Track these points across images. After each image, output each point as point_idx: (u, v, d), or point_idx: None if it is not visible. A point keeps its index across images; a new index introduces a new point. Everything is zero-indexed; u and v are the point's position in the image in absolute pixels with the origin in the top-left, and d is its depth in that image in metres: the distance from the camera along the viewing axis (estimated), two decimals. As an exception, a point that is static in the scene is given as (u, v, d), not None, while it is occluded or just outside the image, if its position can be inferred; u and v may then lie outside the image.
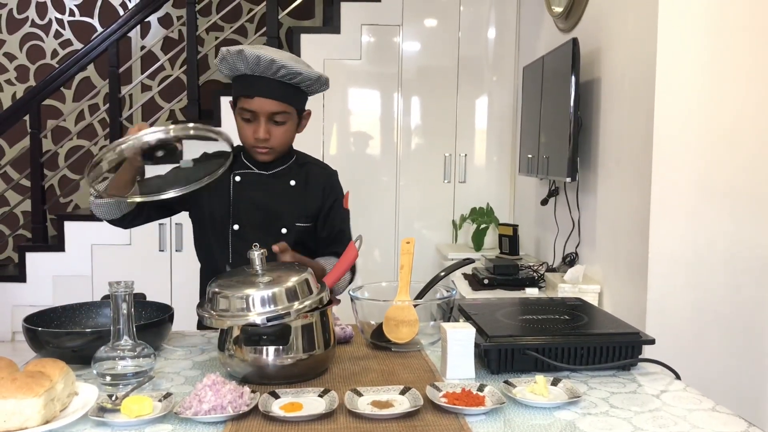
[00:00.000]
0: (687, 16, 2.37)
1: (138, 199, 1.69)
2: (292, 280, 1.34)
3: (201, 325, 1.72)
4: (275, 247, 1.57)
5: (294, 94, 1.78)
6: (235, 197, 1.85)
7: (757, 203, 2.41)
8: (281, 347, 1.30)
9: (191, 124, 1.60)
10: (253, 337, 1.30)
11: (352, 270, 1.85)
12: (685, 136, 2.40)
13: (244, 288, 1.31)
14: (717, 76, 2.39)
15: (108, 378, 1.28)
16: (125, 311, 1.30)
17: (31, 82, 5.45)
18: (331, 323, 1.41)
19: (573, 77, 2.90)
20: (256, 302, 1.29)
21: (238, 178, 1.85)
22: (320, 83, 1.81)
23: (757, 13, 2.37)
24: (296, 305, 1.31)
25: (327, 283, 1.47)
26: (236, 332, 1.32)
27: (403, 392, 1.23)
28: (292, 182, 1.87)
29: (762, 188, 2.41)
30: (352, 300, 1.59)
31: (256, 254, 1.39)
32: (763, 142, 2.40)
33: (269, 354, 1.31)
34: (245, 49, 1.70)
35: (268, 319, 1.28)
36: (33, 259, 4.45)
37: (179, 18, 5.49)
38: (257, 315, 1.28)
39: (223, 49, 1.74)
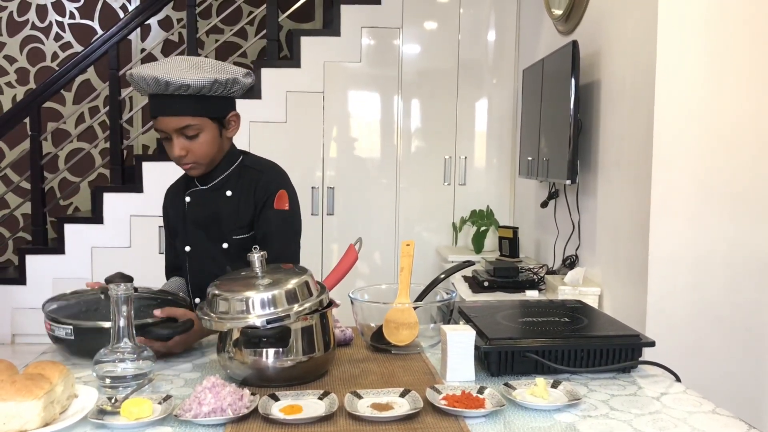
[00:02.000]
0: (686, 18, 2.38)
1: None
2: (292, 283, 1.34)
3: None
4: (157, 312, 1.50)
5: (197, 104, 1.66)
6: (187, 218, 1.83)
7: (757, 205, 2.41)
8: (281, 349, 1.30)
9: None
10: (252, 339, 1.29)
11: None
12: (684, 139, 2.40)
13: (243, 290, 1.31)
14: (716, 78, 2.39)
15: (108, 380, 1.28)
16: (125, 313, 1.30)
17: (32, 85, 5.45)
18: (331, 325, 1.41)
19: (573, 80, 2.91)
20: (256, 304, 1.29)
21: (188, 198, 1.83)
22: (228, 85, 1.69)
23: (756, 15, 2.37)
24: (296, 307, 1.31)
25: (327, 285, 1.47)
26: (236, 334, 1.32)
27: (402, 395, 1.22)
28: (228, 192, 1.78)
29: (762, 190, 2.41)
30: (352, 302, 1.59)
31: (256, 256, 1.39)
32: (763, 144, 2.40)
33: (269, 356, 1.30)
34: (134, 71, 1.64)
35: (268, 322, 1.28)
36: (33, 261, 4.45)
37: (179, 20, 5.50)
38: (257, 317, 1.28)
39: (127, 72, 1.69)
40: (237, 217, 1.77)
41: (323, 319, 1.38)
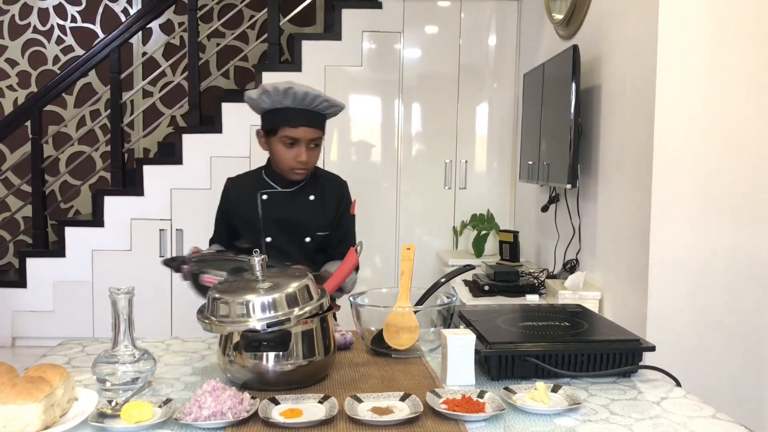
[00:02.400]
0: (687, 22, 2.38)
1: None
2: (293, 286, 1.34)
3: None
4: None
5: (323, 120, 2.06)
6: (264, 214, 2.08)
7: (758, 210, 2.41)
8: (281, 353, 1.30)
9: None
10: (253, 343, 1.29)
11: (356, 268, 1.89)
12: (685, 143, 2.40)
13: (244, 294, 1.31)
14: (717, 82, 2.39)
15: (108, 383, 1.28)
16: (126, 316, 1.31)
17: (33, 88, 5.46)
18: (332, 329, 1.41)
19: (573, 84, 2.91)
20: (257, 308, 1.29)
21: (264, 197, 2.09)
22: (339, 110, 2.09)
23: (757, 19, 2.38)
24: (296, 311, 1.31)
25: (328, 289, 1.47)
26: (236, 338, 1.32)
27: (403, 398, 1.22)
28: (311, 197, 2.11)
29: (762, 195, 2.41)
30: (352, 306, 1.59)
31: (257, 260, 1.39)
32: (764, 148, 2.41)
33: (269, 360, 1.30)
34: (294, 85, 1.95)
35: (269, 325, 1.28)
36: (33, 264, 4.45)
37: (181, 24, 5.51)
38: (257, 321, 1.28)
39: (268, 84, 1.98)
40: (321, 217, 2.11)
41: (323, 323, 1.38)
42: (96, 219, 4.45)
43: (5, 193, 5.23)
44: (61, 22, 5.51)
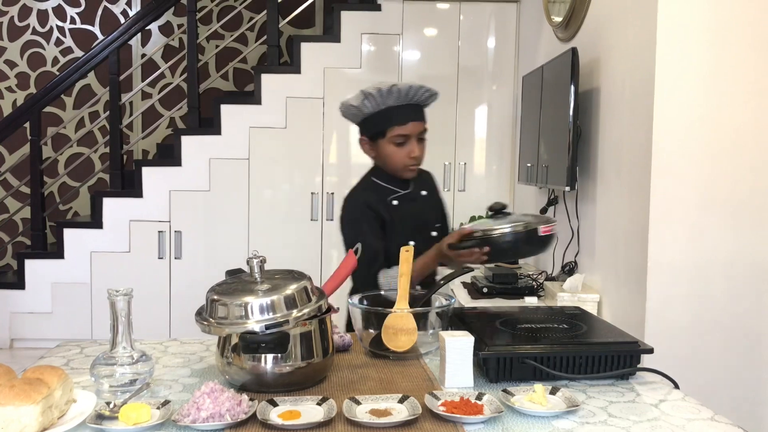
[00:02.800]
0: (686, 25, 2.38)
1: None
2: (291, 288, 1.34)
3: None
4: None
5: (424, 112, 2.05)
6: (398, 219, 2.03)
7: (757, 212, 2.42)
8: (279, 355, 1.30)
9: None
10: (251, 344, 1.29)
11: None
12: (684, 146, 2.41)
13: (242, 295, 1.31)
14: (716, 85, 2.39)
15: (106, 385, 1.28)
16: (124, 318, 1.31)
17: (32, 90, 5.46)
18: (330, 331, 1.41)
19: (572, 86, 2.91)
20: (255, 310, 1.29)
21: (395, 202, 2.05)
22: (437, 98, 2.07)
23: (756, 23, 2.38)
24: (295, 313, 1.30)
25: (326, 290, 1.47)
26: (235, 340, 1.32)
27: (401, 401, 1.22)
28: (423, 192, 2.13)
29: (761, 198, 2.41)
30: (351, 308, 1.58)
31: (255, 262, 1.39)
32: (762, 151, 2.41)
33: (267, 362, 1.30)
34: (397, 83, 1.96)
35: (267, 327, 1.28)
36: (32, 266, 4.45)
37: (180, 26, 5.51)
38: (255, 323, 1.28)
39: (369, 88, 1.97)
40: (436, 210, 2.18)
41: (322, 325, 1.38)
42: (95, 220, 4.45)
43: (4, 194, 5.22)
44: (61, 24, 5.51)
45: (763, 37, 2.39)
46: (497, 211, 1.90)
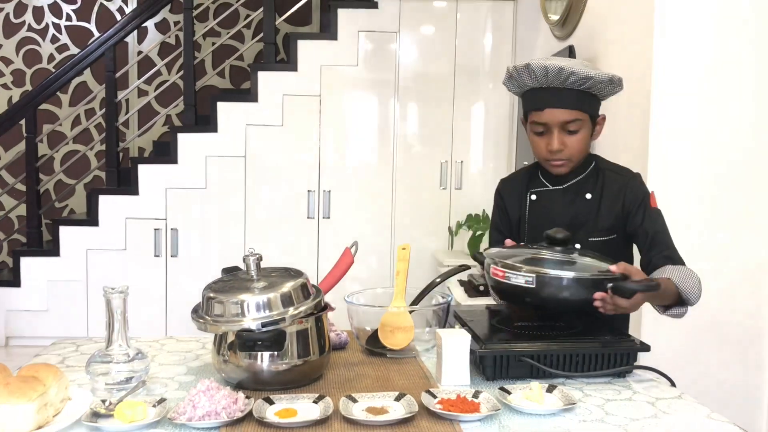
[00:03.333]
0: (683, 23, 2.39)
1: None
2: (288, 286, 1.33)
3: None
4: (613, 268, 1.45)
5: (585, 99, 1.69)
6: (530, 216, 1.81)
7: (753, 213, 2.42)
8: (276, 353, 1.30)
9: None
10: (247, 342, 1.29)
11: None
12: (680, 145, 2.41)
13: (238, 293, 1.31)
14: (713, 85, 2.39)
15: (101, 383, 1.28)
16: (120, 316, 1.30)
17: (28, 87, 5.44)
18: (326, 329, 1.41)
19: (569, 85, 2.91)
20: (251, 307, 1.29)
21: (533, 197, 1.81)
22: (613, 85, 1.72)
23: (754, 22, 2.38)
24: (291, 311, 1.30)
25: (323, 288, 1.47)
26: (231, 337, 1.31)
27: (398, 398, 1.22)
28: (588, 195, 1.77)
29: (756, 196, 2.42)
30: (347, 305, 1.58)
31: (251, 259, 1.39)
32: (758, 151, 2.41)
33: (264, 359, 1.30)
34: (531, 62, 1.67)
35: (263, 325, 1.27)
36: (28, 263, 4.44)
37: (176, 23, 5.49)
38: (252, 320, 1.28)
39: (510, 66, 1.72)
40: (597, 219, 1.75)
41: (318, 323, 1.37)
42: (90, 218, 4.44)
43: (-1, 191, 5.21)
44: (56, 21, 5.49)
45: (761, 35, 2.39)
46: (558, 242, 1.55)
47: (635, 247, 1.81)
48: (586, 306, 1.43)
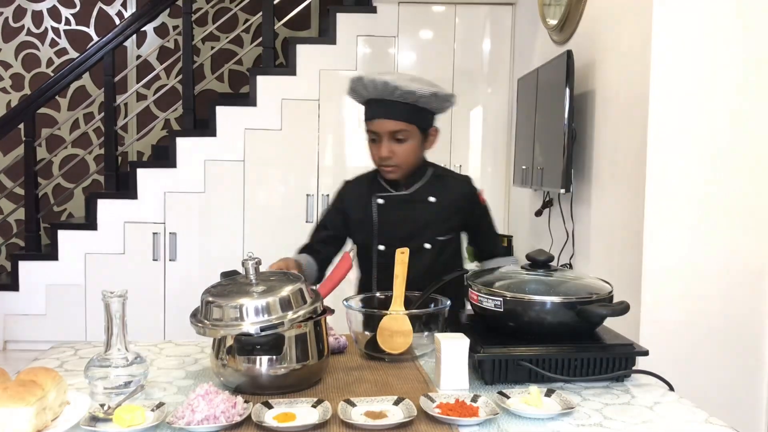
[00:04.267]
0: (681, 28, 2.39)
1: None
2: (286, 290, 1.33)
3: None
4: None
5: (413, 112, 1.84)
6: (379, 219, 1.94)
7: (751, 215, 2.42)
8: (275, 357, 1.30)
9: None
10: (246, 346, 1.29)
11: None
12: (679, 148, 2.41)
13: (237, 297, 1.31)
14: (710, 88, 2.40)
15: (100, 387, 1.28)
16: (119, 320, 1.30)
17: (26, 91, 5.44)
18: (325, 333, 1.41)
19: (567, 89, 2.92)
20: (250, 312, 1.29)
21: (381, 201, 1.95)
22: (440, 100, 1.86)
23: (750, 26, 2.39)
24: (290, 315, 1.30)
25: (321, 293, 1.47)
26: (229, 342, 1.31)
27: (396, 403, 1.22)
28: (432, 199, 1.94)
29: (756, 200, 2.42)
30: (346, 310, 1.58)
31: (250, 263, 1.39)
32: (757, 154, 2.42)
33: (263, 364, 1.30)
34: (363, 76, 1.85)
35: (262, 329, 1.27)
36: (26, 267, 4.43)
37: (175, 28, 5.50)
38: (251, 324, 1.28)
39: (357, 76, 1.89)
40: (443, 220, 1.94)
41: (317, 327, 1.37)
42: (89, 222, 4.44)
43: (-2, 195, 5.20)
44: (55, 25, 5.50)
45: (757, 40, 2.39)
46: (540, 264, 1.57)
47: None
48: (555, 330, 1.41)
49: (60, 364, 1.51)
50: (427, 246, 1.91)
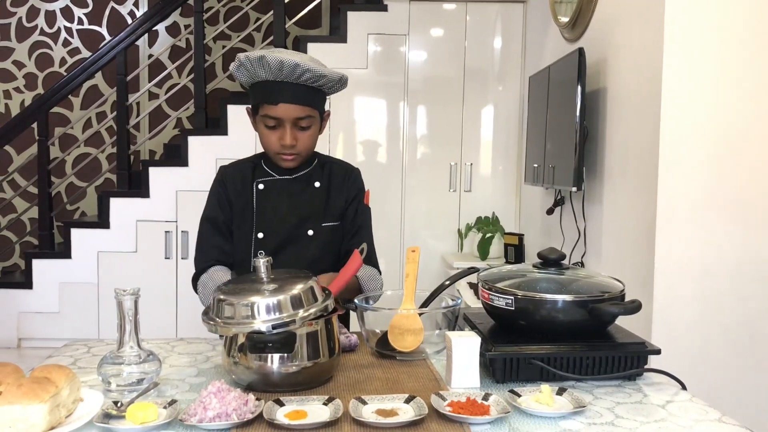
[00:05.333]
0: (693, 25, 2.38)
1: None
2: (297, 288, 1.34)
3: None
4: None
5: (317, 96, 1.75)
6: (258, 206, 1.84)
7: (764, 212, 2.41)
8: (286, 355, 1.30)
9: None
10: (258, 344, 1.29)
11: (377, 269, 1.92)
12: (691, 146, 2.40)
13: (249, 295, 1.31)
14: (723, 85, 2.38)
15: (113, 384, 1.28)
16: (131, 318, 1.31)
17: (40, 90, 5.48)
18: (336, 331, 1.41)
19: (579, 87, 2.91)
20: (261, 310, 1.29)
21: (261, 186, 1.85)
22: (341, 83, 1.80)
23: (763, 24, 2.37)
24: (301, 313, 1.30)
25: (332, 291, 1.47)
26: (241, 339, 1.32)
27: (407, 401, 1.22)
28: (317, 183, 1.86)
29: (769, 198, 2.40)
30: (356, 308, 1.58)
31: (262, 262, 1.39)
32: (770, 152, 2.40)
33: (274, 361, 1.30)
34: (266, 54, 1.66)
35: (273, 327, 1.27)
36: (39, 265, 4.47)
37: (187, 27, 5.52)
38: (262, 322, 1.28)
39: (241, 55, 1.71)
40: (328, 206, 1.85)
41: (328, 325, 1.38)
42: (102, 220, 4.47)
43: (12, 194, 5.25)
44: (68, 25, 5.53)
45: (772, 37, 2.38)
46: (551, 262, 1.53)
47: None
48: (567, 328, 1.40)
49: (73, 362, 1.52)
50: (311, 233, 1.82)
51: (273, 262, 1.44)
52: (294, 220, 1.83)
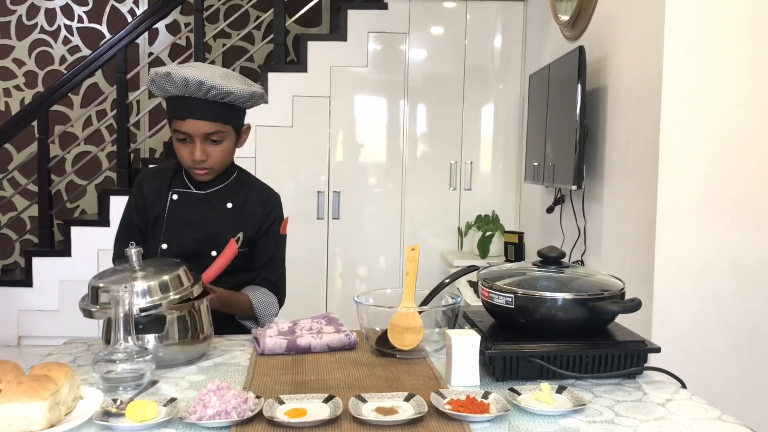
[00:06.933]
0: (694, 23, 2.37)
1: None
2: (166, 275, 1.45)
3: None
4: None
5: (228, 111, 1.75)
6: (169, 216, 1.84)
7: (764, 210, 2.41)
8: (155, 336, 1.42)
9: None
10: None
11: (279, 299, 1.91)
12: (691, 145, 2.40)
13: (121, 282, 1.41)
14: (723, 84, 2.38)
15: (107, 381, 1.28)
16: (125, 314, 1.31)
17: (40, 88, 5.48)
18: (208, 315, 1.52)
19: (579, 85, 2.91)
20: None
21: (175, 197, 1.85)
22: (255, 99, 1.78)
23: (764, 21, 2.37)
24: (171, 295, 1.43)
25: (205, 278, 1.59)
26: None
27: (407, 399, 1.22)
28: (229, 204, 1.85)
29: (769, 197, 2.40)
30: (357, 306, 1.59)
31: (134, 251, 1.48)
32: (770, 150, 2.40)
33: (149, 342, 1.42)
34: (172, 71, 1.67)
35: (141, 310, 1.38)
36: (39, 263, 4.47)
37: (187, 25, 5.52)
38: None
39: (152, 70, 1.72)
40: (237, 229, 1.82)
41: (196, 308, 1.49)
42: (102, 219, 4.47)
43: (12, 192, 5.25)
44: (68, 23, 5.53)
45: (772, 36, 2.37)
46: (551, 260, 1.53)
47: None
48: (567, 326, 1.40)
49: (73, 360, 1.52)
50: (214, 254, 1.79)
51: None
52: (200, 236, 1.82)
